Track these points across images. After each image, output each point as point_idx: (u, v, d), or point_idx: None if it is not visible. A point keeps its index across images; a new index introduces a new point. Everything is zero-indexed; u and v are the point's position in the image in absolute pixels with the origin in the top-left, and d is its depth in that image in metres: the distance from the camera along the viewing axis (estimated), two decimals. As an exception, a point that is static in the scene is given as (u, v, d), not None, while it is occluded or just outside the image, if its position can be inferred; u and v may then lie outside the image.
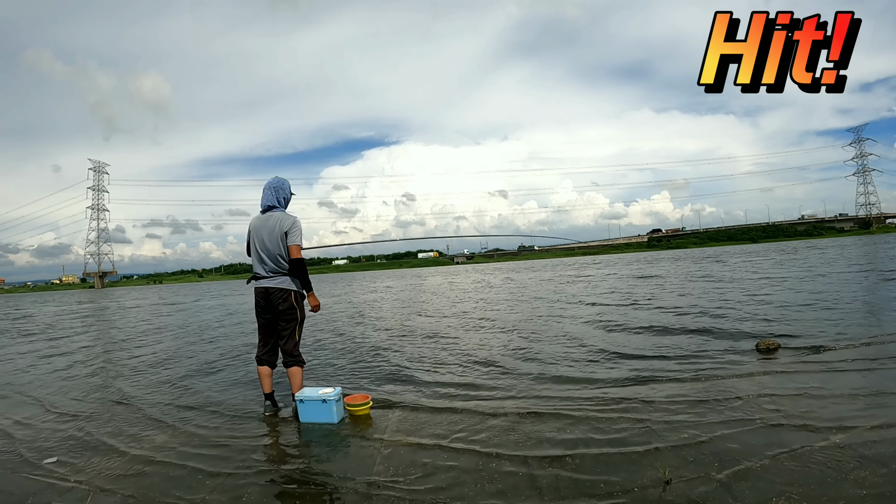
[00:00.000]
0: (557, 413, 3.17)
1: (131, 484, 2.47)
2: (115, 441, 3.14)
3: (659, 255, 51.77)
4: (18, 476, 2.67)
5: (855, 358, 4.04)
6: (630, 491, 2.12)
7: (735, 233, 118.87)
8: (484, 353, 5.31)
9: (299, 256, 3.41)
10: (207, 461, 2.71)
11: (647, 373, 4.06)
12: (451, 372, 4.55)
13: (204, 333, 8.83)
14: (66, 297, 46.82)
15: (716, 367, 4.07)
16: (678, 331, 5.89)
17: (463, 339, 6.45)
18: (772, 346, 4.53)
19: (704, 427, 2.76)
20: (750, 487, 2.06)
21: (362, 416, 3.32)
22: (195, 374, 5.11)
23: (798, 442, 2.48)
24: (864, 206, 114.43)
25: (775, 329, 5.54)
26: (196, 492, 2.35)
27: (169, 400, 4.11)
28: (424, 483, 2.31)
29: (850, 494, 1.96)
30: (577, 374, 4.19)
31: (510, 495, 2.14)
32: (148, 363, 5.96)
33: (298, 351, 3.51)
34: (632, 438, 2.67)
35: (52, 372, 5.77)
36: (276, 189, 3.53)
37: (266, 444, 2.97)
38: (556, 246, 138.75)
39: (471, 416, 3.22)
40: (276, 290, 3.42)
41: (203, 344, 7.41)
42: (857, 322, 5.64)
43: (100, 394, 4.47)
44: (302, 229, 3.46)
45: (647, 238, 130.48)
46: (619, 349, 5.06)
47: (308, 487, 2.37)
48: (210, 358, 6.04)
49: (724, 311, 7.18)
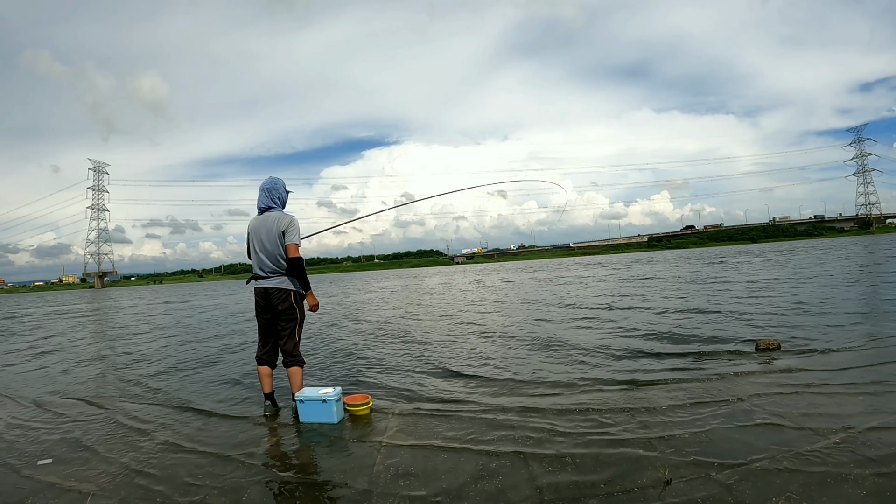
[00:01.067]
0: (557, 413, 3.17)
1: (130, 484, 2.47)
2: (113, 442, 3.13)
3: (659, 256, 51.75)
4: (17, 477, 2.66)
5: (855, 358, 4.05)
6: (630, 491, 2.11)
7: (735, 233, 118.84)
8: (483, 354, 5.31)
9: (297, 255, 3.40)
10: (206, 461, 2.71)
11: (647, 373, 4.06)
12: (451, 372, 4.55)
13: (202, 332, 8.84)
14: (65, 297, 46.79)
15: (715, 367, 4.06)
16: (678, 331, 5.89)
17: (462, 339, 6.45)
18: (772, 345, 4.53)
19: (704, 427, 2.76)
20: (750, 487, 2.06)
21: (362, 416, 3.32)
22: (194, 374, 5.11)
23: (798, 442, 2.48)
24: (864, 206, 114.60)
25: (775, 329, 5.54)
26: (196, 492, 2.34)
27: (167, 400, 4.10)
28: (424, 483, 2.30)
29: (850, 494, 1.96)
30: (576, 374, 4.19)
31: (510, 495, 2.14)
32: (145, 362, 5.96)
33: (298, 351, 3.51)
34: (632, 438, 2.67)
35: (46, 371, 5.77)
36: (270, 190, 3.53)
37: (266, 444, 2.96)
38: (556, 246, 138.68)
39: (470, 416, 3.22)
40: (275, 290, 3.42)
41: (201, 343, 7.40)
42: (858, 322, 5.64)
43: (97, 393, 4.47)
44: (300, 228, 3.45)
45: (647, 238, 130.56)
46: (618, 350, 5.06)
47: (308, 487, 2.36)
48: (208, 357, 6.04)
49: (724, 312, 7.18)
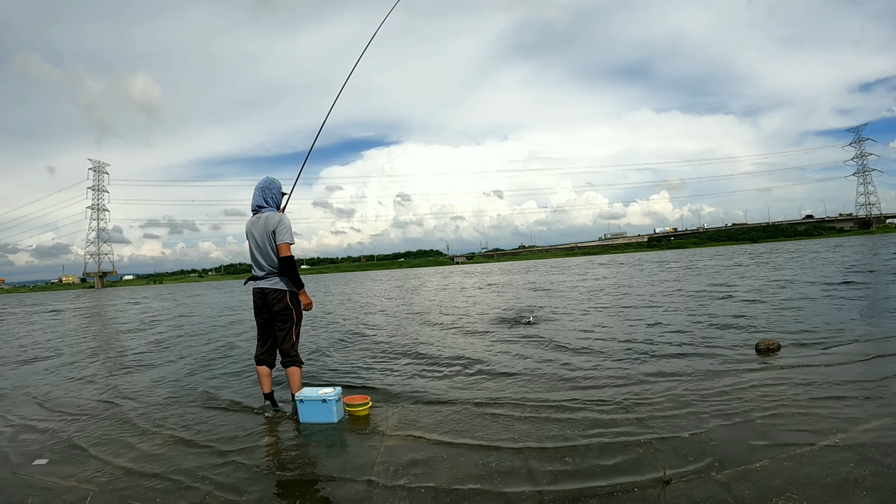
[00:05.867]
0: (557, 413, 3.17)
1: (130, 485, 2.47)
2: (111, 442, 3.13)
3: (658, 256, 51.75)
4: (17, 476, 2.66)
5: (855, 357, 4.04)
6: (630, 491, 2.11)
7: (735, 233, 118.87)
8: (482, 355, 5.31)
9: (288, 254, 3.38)
10: (206, 461, 2.71)
11: (646, 373, 4.06)
12: (450, 372, 4.55)
13: (201, 332, 8.84)
14: (65, 297, 46.79)
15: (715, 367, 4.06)
16: (678, 331, 5.89)
17: (462, 340, 6.44)
18: (772, 345, 4.53)
19: (704, 427, 2.76)
20: (750, 487, 2.06)
21: (362, 417, 3.32)
22: (193, 373, 5.11)
23: (798, 442, 2.47)
24: (864, 206, 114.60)
25: (775, 329, 5.54)
26: (195, 492, 2.34)
27: (167, 399, 4.10)
28: (424, 483, 2.30)
29: (849, 494, 1.96)
30: (575, 374, 4.19)
31: (510, 494, 2.14)
32: (145, 362, 5.96)
33: (296, 351, 3.50)
34: (631, 438, 2.67)
35: (46, 371, 5.76)
36: (264, 189, 3.53)
37: (266, 444, 2.96)
38: (556, 246, 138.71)
39: (470, 417, 3.22)
40: (271, 290, 3.42)
41: (201, 343, 7.40)
42: (858, 322, 5.64)
43: (97, 393, 4.47)
44: (290, 226, 3.43)
45: (647, 238, 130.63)
46: (617, 349, 5.06)
47: (308, 488, 2.36)
48: (208, 357, 6.04)
49: (723, 311, 7.18)
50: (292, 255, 3.40)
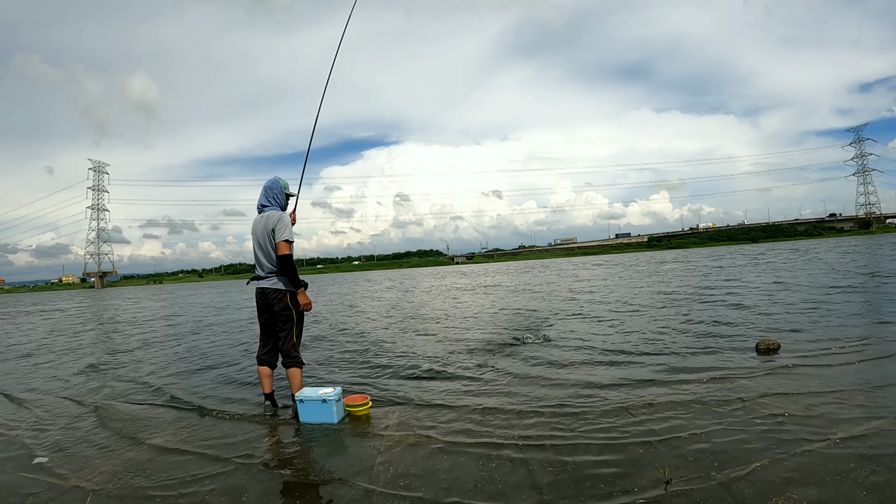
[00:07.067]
0: (556, 413, 3.17)
1: (130, 485, 2.47)
2: (112, 441, 3.13)
3: (659, 256, 51.73)
4: (17, 476, 2.66)
5: (855, 358, 4.04)
6: (630, 491, 2.11)
7: (735, 233, 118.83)
8: (482, 355, 5.31)
9: (286, 253, 3.35)
10: (206, 461, 2.71)
11: (647, 373, 4.06)
12: (450, 373, 4.54)
13: (201, 332, 8.83)
14: (65, 297, 46.77)
15: (715, 368, 4.06)
16: (677, 331, 5.89)
17: (461, 341, 6.44)
18: (772, 346, 4.53)
19: (704, 427, 2.76)
20: (750, 487, 2.06)
21: (362, 417, 3.32)
22: (193, 373, 5.11)
23: (798, 442, 2.48)
24: (864, 206, 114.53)
25: (775, 329, 5.54)
26: (195, 492, 2.34)
27: (167, 399, 4.10)
28: (424, 483, 2.30)
29: (850, 494, 1.96)
30: (575, 374, 4.19)
31: (510, 496, 2.14)
32: (145, 362, 5.95)
33: (297, 352, 3.50)
34: (632, 438, 2.67)
35: (46, 370, 5.76)
36: (268, 189, 3.53)
37: (265, 444, 2.96)
38: (556, 246, 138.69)
39: (469, 417, 3.22)
40: (271, 290, 3.42)
41: (201, 342, 7.39)
42: (857, 322, 5.64)
43: (97, 393, 4.46)
44: (290, 224, 3.42)
45: (647, 238, 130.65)
46: (618, 350, 5.06)
47: (308, 488, 2.36)
48: (208, 356, 6.03)
49: (723, 312, 7.18)
50: (291, 254, 3.38)
